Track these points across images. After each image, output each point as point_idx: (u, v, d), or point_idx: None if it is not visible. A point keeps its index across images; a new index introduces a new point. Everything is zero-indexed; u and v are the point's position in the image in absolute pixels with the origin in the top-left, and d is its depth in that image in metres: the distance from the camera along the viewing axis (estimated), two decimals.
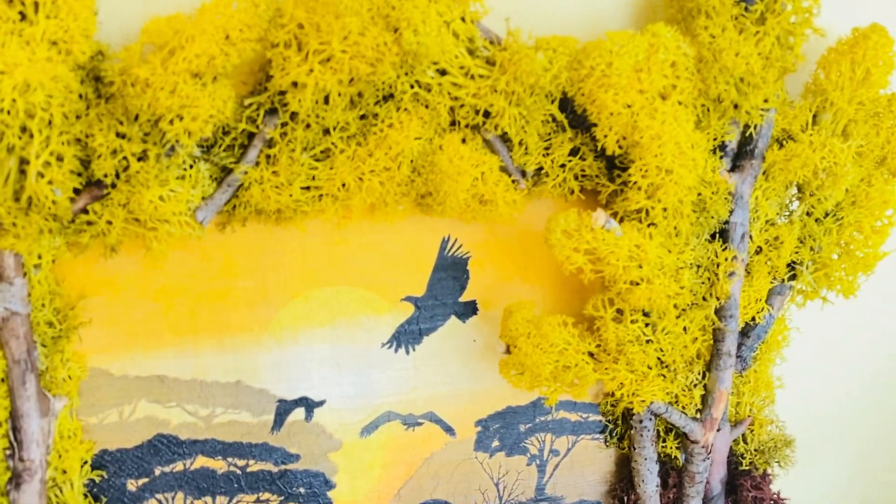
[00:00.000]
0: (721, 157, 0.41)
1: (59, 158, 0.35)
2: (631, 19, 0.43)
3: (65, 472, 0.41)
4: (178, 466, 0.43)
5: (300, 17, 0.35)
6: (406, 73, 0.38)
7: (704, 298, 0.42)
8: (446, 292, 0.45)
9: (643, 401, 0.42)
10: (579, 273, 0.40)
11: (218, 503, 0.44)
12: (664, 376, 0.42)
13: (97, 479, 0.42)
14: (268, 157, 0.39)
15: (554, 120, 0.40)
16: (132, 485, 0.43)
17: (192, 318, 0.42)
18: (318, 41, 0.35)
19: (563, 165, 0.41)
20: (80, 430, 0.42)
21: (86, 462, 0.42)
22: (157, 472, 0.43)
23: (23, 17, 0.33)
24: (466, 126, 0.40)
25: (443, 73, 0.39)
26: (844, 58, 0.40)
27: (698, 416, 0.44)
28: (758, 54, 0.38)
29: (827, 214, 0.43)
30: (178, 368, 0.42)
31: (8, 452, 0.38)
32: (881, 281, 0.45)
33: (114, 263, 0.41)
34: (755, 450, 0.46)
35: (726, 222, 0.41)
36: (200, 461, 0.44)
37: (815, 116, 0.41)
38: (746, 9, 0.38)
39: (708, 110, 0.39)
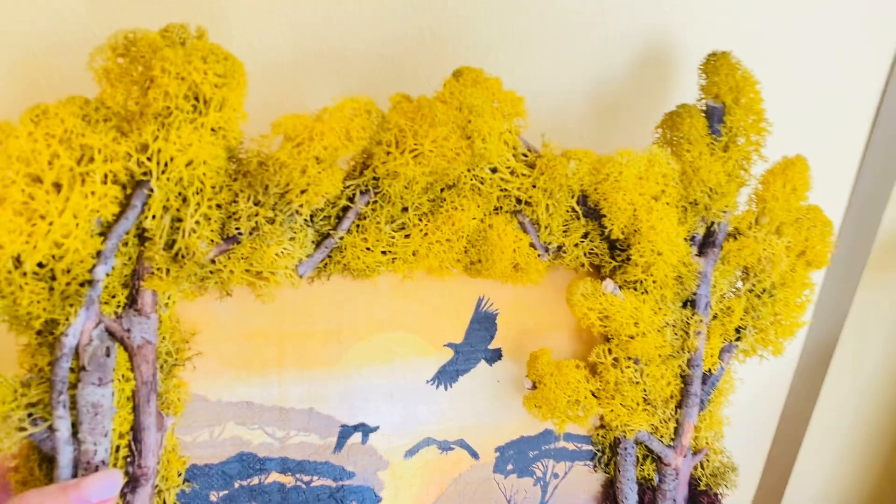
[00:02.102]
0: (691, 245, 0.52)
1: (208, 218, 0.42)
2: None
3: (167, 479, 0.46)
4: (255, 481, 0.49)
5: (402, 123, 0.44)
6: (469, 170, 0.48)
7: (678, 351, 0.52)
8: (479, 340, 0.52)
9: (633, 429, 0.51)
10: (590, 327, 0.50)
11: None
12: (648, 410, 0.52)
13: (187, 490, 0.47)
14: (358, 226, 0.47)
15: (573, 210, 0.50)
16: (214, 496, 0.48)
17: (278, 354, 0.48)
18: (414, 142, 0.44)
19: (576, 245, 0.51)
20: (178, 446, 0.47)
21: (181, 474, 0.47)
22: (237, 485, 0.48)
23: (195, 108, 0.41)
24: (507, 211, 0.50)
25: (494, 170, 0.48)
26: (779, 177, 0.52)
27: (672, 443, 0.53)
28: (724, 172, 0.50)
29: (764, 291, 0.54)
30: (262, 396, 0.48)
31: (129, 459, 0.43)
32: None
33: (219, 307, 0.47)
34: (710, 474, 0.55)
35: (695, 294, 0.52)
36: (273, 476, 0.49)
37: (756, 219, 0.53)
38: (715, 140, 0.50)
39: (686, 210, 0.51)
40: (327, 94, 0.56)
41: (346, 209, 0.47)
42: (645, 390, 0.51)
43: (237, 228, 0.43)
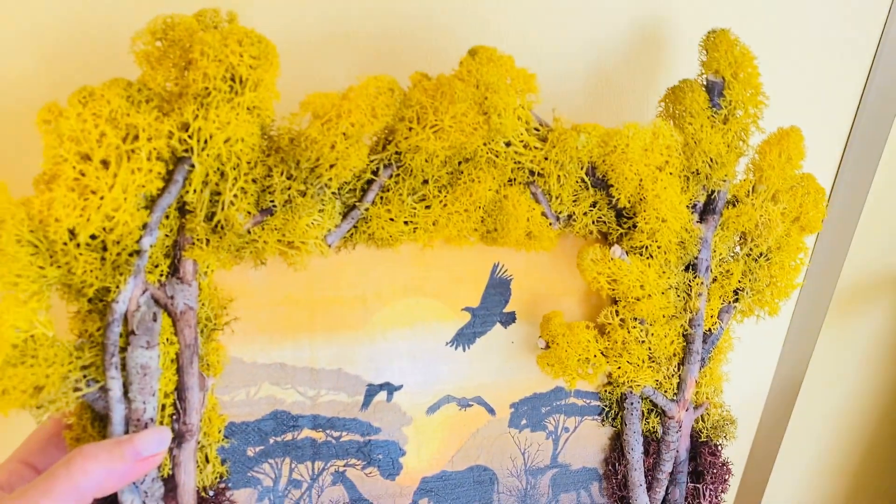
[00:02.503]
0: (693, 212, 0.55)
1: (244, 192, 0.45)
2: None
3: (208, 436, 0.49)
4: (288, 437, 0.52)
5: (423, 100, 0.47)
6: (485, 144, 0.50)
7: (681, 312, 0.55)
8: (494, 305, 0.55)
9: (639, 385, 0.54)
10: (599, 291, 0.53)
11: (316, 467, 0.53)
12: (652, 367, 0.55)
13: (226, 446, 0.50)
14: (382, 198, 0.50)
15: (582, 181, 0.53)
16: (251, 451, 0.51)
17: (308, 319, 0.51)
18: (435, 118, 0.47)
19: (585, 213, 0.54)
20: (217, 405, 0.50)
21: (220, 430, 0.50)
22: (271, 441, 0.51)
23: (231, 89, 0.43)
24: (520, 183, 0.52)
25: (508, 144, 0.51)
26: (774, 147, 0.55)
27: (674, 398, 0.56)
28: (723, 143, 0.52)
29: (761, 255, 0.57)
30: (295, 358, 0.51)
31: (174, 416, 0.46)
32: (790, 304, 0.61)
33: (253, 275, 0.50)
34: (710, 427, 0.59)
35: (696, 258, 0.55)
36: (305, 432, 0.52)
37: (754, 187, 0.56)
38: (715, 113, 0.53)
39: (688, 179, 0.53)
40: (341, 70, 0.58)
41: (370, 182, 0.49)
42: (650, 349, 0.54)
43: (271, 201, 0.45)
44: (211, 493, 0.49)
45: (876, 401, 1.02)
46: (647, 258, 0.52)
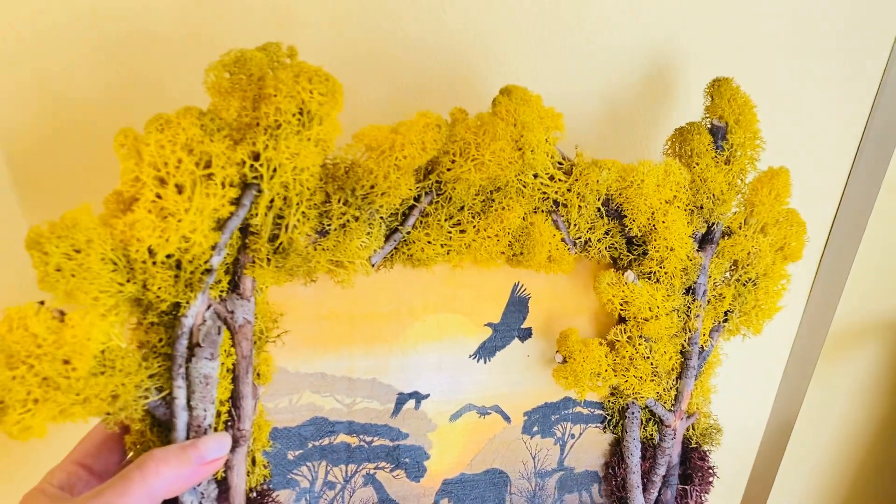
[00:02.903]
0: (694, 241, 0.61)
1: (305, 216, 0.49)
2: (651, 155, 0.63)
3: (255, 440, 0.52)
4: (325, 441, 0.56)
5: (467, 137, 0.51)
6: (516, 176, 0.55)
7: (681, 331, 0.61)
8: (513, 321, 0.60)
9: (643, 396, 0.60)
10: (612, 311, 0.59)
11: (349, 469, 0.57)
12: (655, 381, 0.61)
13: (269, 450, 0.54)
14: (421, 222, 0.54)
15: (598, 211, 0.59)
16: (291, 455, 0.55)
17: (348, 332, 0.55)
18: (477, 153, 0.51)
19: (599, 240, 0.59)
20: (263, 412, 0.54)
21: (268, 435, 0.54)
22: (310, 445, 0.55)
23: (300, 122, 0.47)
24: (543, 211, 0.58)
25: (535, 176, 0.56)
26: (765, 185, 0.61)
27: (672, 408, 0.63)
28: (725, 182, 0.59)
29: (749, 281, 0.64)
30: (334, 368, 0.55)
31: (229, 423, 0.50)
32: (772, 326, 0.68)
33: (300, 291, 0.54)
34: (700, 434, 0.66)
35: (695, 283, 0.61)
36: (341, 437, 0.56)
37: (746, 220, 0.63)
38: (718, 154, 0.59)
39: (692, 212, 0.60)
40: (373, 91, 0.62)
41: (411, 207, 0.54)
42: (653, 364, 0.60)
43: (328, 224, 0.49)
44: (255, 493, 0.53)
45: (863, 435, 1.12)
46: (655, 283, 0.58)
